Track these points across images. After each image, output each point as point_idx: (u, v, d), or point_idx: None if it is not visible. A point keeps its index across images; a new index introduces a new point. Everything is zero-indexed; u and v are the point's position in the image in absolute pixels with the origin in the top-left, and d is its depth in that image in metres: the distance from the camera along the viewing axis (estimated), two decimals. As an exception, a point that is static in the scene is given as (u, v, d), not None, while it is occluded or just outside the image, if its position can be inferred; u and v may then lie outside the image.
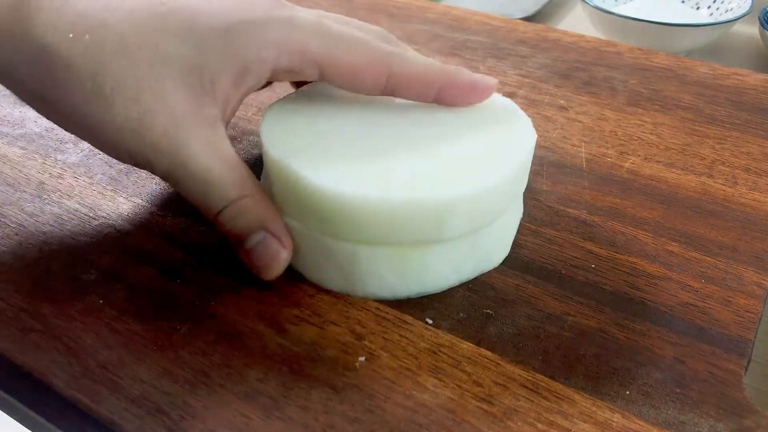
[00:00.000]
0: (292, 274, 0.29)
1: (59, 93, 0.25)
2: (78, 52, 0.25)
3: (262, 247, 0.27)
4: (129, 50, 0.25)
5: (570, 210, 0.33)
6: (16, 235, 0.32)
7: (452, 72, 0.29)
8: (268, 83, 0.29)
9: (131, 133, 0.25)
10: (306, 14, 0.28)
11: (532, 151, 0.29)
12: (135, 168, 0.36)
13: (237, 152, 0.27)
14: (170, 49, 0.25)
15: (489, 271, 0.29)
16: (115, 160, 0.37)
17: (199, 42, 0.26)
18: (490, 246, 0.29)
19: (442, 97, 0.29)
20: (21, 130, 0.39)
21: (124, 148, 0.26)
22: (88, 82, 0.25)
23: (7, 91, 0.27)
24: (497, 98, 0.31)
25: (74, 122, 0.26)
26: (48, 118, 0.27)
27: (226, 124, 0.28)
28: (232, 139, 0.36)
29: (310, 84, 0.31)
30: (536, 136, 0.29)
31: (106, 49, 0.25)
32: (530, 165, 0.29)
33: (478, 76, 0.29)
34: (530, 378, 0.25)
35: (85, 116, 0.25)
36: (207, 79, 0.26)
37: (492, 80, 0.29)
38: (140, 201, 0.34)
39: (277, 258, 0.27)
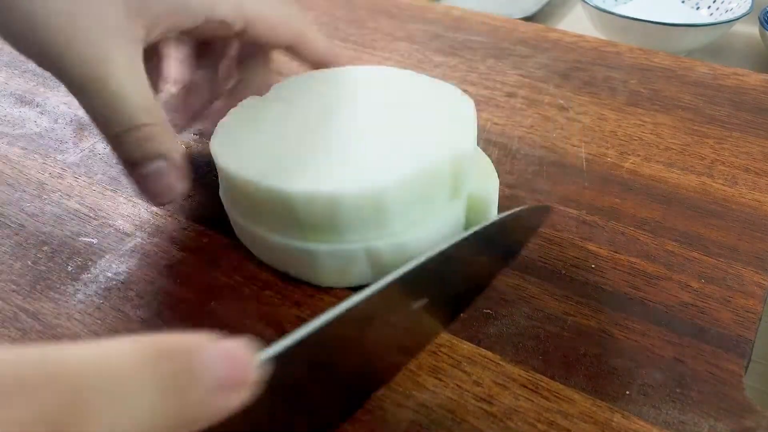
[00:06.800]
0: (289, 275, 0.29)
1: None
2: None
3: (160, 176, 0.27)
4: None
5: (570, 210, 0.33)
6: (16, 235, 0.32)
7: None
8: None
9: (57, 31, 0.24)
10: None
11: (473, 132, 0.29)
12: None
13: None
14: None
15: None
16: (115, 160, 0.37)
17: None
18: (471, 214, 0.29)
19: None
20: (21, 130, 0.39)
21: (42, 42, 0.24)
22: None
23: (7, 91, 0.27)
24: (444, 85, 0.31)
25: None
26: None
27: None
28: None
29: (251, 98, 0.31)
30: (475, 115, 0.29)
31: None
32: (474, 141, 0.29)
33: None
34: (530, 378, 0.25)
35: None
36: (144, 1, 0.25)
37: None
38: (140, 201, 0.34)
39: (174, 188, 0.27)
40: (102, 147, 0.38)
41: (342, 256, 0.27)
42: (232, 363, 0.14)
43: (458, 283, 0.27)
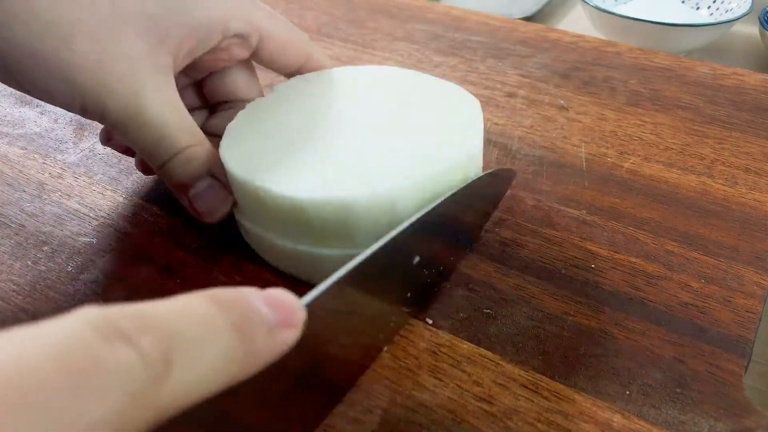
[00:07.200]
0: (292, 276, 0.29)
1: (13, 24, 0.24)
2: None
3: (210, 193, 0.28)
4: None
5: (570, 210, 0.33)
6: (16, 235, 0.32)
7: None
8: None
9: (89, 75, 0.25)
10: None
11: (480, 129, 0.29)
12: (135, 168, 0.36)
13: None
14: None
15: (489, 271, 0.29)
16: (115, 160, 0.37)
17: None
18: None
19: None
20: (21, 130, 0.39)
21: (80, 91, 0.25)
22: (46, 14, 0.24)
23: (7, 91, 0.27)
24: (448, 85, 0.31)
25: (25, 63, 0.25)
26: None
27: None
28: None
29: (257, 100, 0.31)
30: (482, 115, 0.29)
31: None
32: (482, 141, 0.29)
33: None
34: (530, 378, 0.25)
35: (39, 52, 0.24)
36: (163, 29, 0.26)
37: None
38: (140, 201, 0.34)
39: (224, 203, 0.28)
40: (102, 147, 0.38)
41: None
42: (281, 306, 0.16)
43: (452, 236, 0.29)
